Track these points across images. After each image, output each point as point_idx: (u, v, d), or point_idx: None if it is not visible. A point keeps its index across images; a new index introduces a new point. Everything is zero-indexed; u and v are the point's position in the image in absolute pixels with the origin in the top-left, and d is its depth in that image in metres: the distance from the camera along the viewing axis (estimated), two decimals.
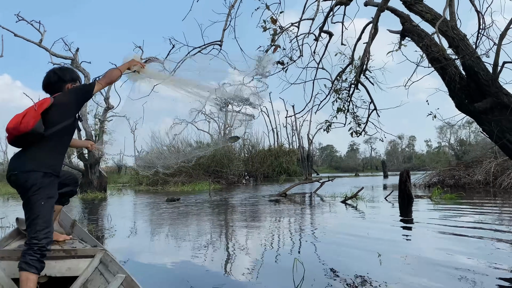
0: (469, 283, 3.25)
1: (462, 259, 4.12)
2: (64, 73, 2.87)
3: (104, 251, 2.90)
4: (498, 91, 5.47)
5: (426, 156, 76.21)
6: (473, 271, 3.61)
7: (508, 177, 13.89)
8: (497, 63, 5.52)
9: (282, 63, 6.61)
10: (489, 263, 3.91)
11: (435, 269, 3.74)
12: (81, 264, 2.83)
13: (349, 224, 6.73)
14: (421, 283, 3.26)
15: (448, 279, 3.37)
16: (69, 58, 17.12)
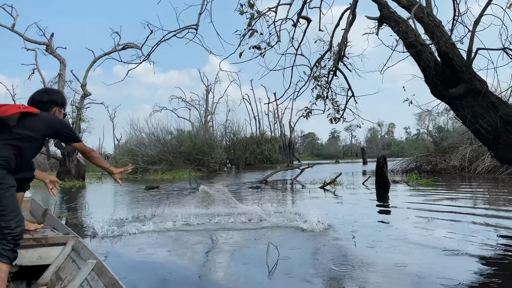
0: (443, 261, 3.33)
1: (436, 238, 4.22)
2: (57, 96, 2.90)
3: (76, 238, 2.87)
4: (471, 77, 5.55)
5: (405, 143, 77.43)
6: (447, 250, 3.69)
7: (482, 163, 14.26)
8: (471, 50, 5.59)
9: (258, 48, 6.55)
10: (463, 241, 4.03)
11: (410, 248, 3.83)
12: (53, 252, 2.79)
13: (326, 208, 6.80)
14: (397, 262, 3.32)
15: (421, 258, 3.45)
16: (44, 44, 16.63)
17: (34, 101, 2.79)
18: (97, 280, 2.20)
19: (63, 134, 2.75)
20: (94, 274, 2.28)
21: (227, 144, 38.84)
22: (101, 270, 2.24)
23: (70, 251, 2.79)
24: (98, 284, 2.16)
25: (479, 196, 8.37)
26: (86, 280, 2.30)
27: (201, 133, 30.28)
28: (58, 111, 2.84)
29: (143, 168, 23.94)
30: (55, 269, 2.72)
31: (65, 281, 2.54)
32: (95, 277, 2.24)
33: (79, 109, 18.21)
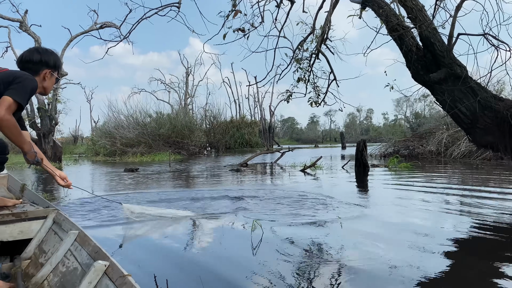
0: (418, 241, 3.41)
1: (413, 220, 4.32)
2: (49, 57, 2.60)
3: (57, 211, 2.86)
4: (452, 62, 5.63)
5: (383, 129, 78.69)
6: (422, 232, 3.79)
7: (458, 148, 14.62)
8: (452, 35, 5.66)
9: (243, 30, 6.48)
10: (437, 224, 4.14)
11: (390, 230, 3.91)
12: (34, 226, 2.79)
13: (306, 190, 6.87)
14: (377, 245, 3.38)
15: (399, 239, 3.53)
16: (17, 21, 16.04)
17: (22, 60, 2.57)
18: (81, 250, 2.21)
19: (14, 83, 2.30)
20: (77, 244, 2.28)
21: (207, 127, 38.66)
22: (84, 240, 2.25)
23: (52, 224, 2.79)
24: (82, 253, 2.17)
25: (457, 178, 8.59)
26: (70, 251, 2.30)
27: (181, 116, 29.99)
28: (49, 74, 2.60)
29: (121, 150, 23.63)
30: (37, 242, 2.72)
31: (49, 253, 2.54)
32: (78, 247, 2.25)
33: (55, 90, 17.71)
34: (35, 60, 2.55)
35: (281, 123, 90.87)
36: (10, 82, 2.29)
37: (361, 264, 2.85)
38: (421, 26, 5.70)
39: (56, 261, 2.31)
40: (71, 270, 2.17)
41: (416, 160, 13.18)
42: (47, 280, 2.28)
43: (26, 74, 2.38)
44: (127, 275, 1.63)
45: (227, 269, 2.88)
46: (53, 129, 17.47)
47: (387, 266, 2.79)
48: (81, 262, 2.11)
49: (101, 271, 1.76)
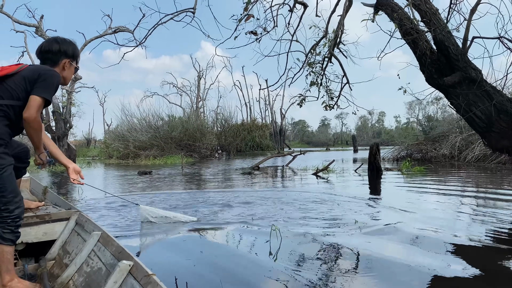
0: (430, 247, 3.39)
1: (434, 227, 4.30)
2: (68, 46, 2.55)
3: (79, 213, 2.92)
4: (466, 66, 5.60)
5: (395, 132, 78.10)
6: (434, 238, 3.77)
7: (472, 151, 14.45)
8: (467, 38, 5.63)
9: (255, 33, 6.51)
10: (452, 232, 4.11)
11: (409, 236, 3.90)
12: (57, 228, 2.85)
13: (320, 195, 6.86)
14: (394, 251, 3.38)
15: (415, 246, 3.52)
16: (33, 26, 16.33)
17: (42, 51, 2.52)
18: (104, 250, 2.24)
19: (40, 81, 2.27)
20: (100, 244, 2.33)
21: (218, 130, 38.78)
22: (107, 240, 2.29)
23: (74, 225, 2.85)
24: (105, 253, 2.21)
25: (472, 182, 8.50)
26: (93, 251, 2.34)
27: (193, 119, 30.14)
28: (69, 64, 2.54)
29: (134, 153, 23.84)
30: (61, 243, 2.78)
31: (72, 254, 2.60)
32: (101, 247, 2.29)
33: (70, 93, 17.97)
34: (54, 50, 2.51)
35: (291, 126, 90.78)
36: (36, 79, 2.28)
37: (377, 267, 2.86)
38: (435, 29, 5.68)
39: (81, 262, 2.35)
40: (95, 270, 2.20)
41: (429, 164, 13.06)
42: (72, 280, 2.31)
43: (49, 70, 2.37)
44: (152, 274, 1.64)
45: (245, 273, 2.90)
46: (67, 132, 17.72)
47: (408, 271, 2.79)
48: (105, 262, 2.14)
49: (126, 271, 1.79)
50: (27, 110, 2.21)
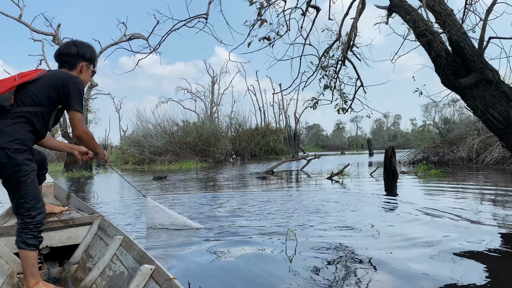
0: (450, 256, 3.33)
1: (451, 233, 4.22)
2: (86, 49, 2.58)
3: (101, 217, 3.00)
4: (483, 67, 5.51)
5: (411, 135, 77.18)
6: (452, 247, 3.69)
7: (490, 154, 14.17)
8: (483, 39, 5.55)
9: (268, 39, 6.53)
10: (472, 240, 4.02)
11: (427, 244, 3.83)
12: (80, 232, 2.93)
13: (335, 198, 6.81)
14: (411, 258, 3.33)
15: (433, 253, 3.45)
16: (51, 34, 16.66)
17: (60, 53, 2.54)
18: (126, 254, 2.30)
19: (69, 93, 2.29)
20: (122, 249, 2.38)
21: (233, 135, 38.89)
22: (129, 245, 2.35)
23: (97, 229, 2.93)
24: (127, 257, 2.26)
25: (490, 187, 8.32)
26: (115, 255, 2.40)
27: (207, 124, 30.29)
28: (86, 67, 2.55)
29: (150, 159, 24.05)
30: (84, 247, 2.86)
31: (95, 258, 2.67)
32: (123, 252, 2.35)
33: (86, 100, 18.25)
34: (72, 53, 2.53)
35: (306, 130, 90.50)
36: (59, 87, 2.30)
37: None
38: (450, 30, 5.61)
39: (103, 265, 2.41)
40: (118, 274, 2.26)
41: (446, 167, 12.85)
42: (95, 284, 2.36)
43: (72, 77, 2.39)
44: (173, 278, 1.67)
45: (261, 278, 2.88)
46: None
47: (427, 277, 2.75)
48: (127, 266, 2.19)
49: (148, 275, 1.82)
50: (74, 129, 2.34)
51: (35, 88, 2.29)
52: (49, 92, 2.29)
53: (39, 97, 2.27)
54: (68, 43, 2.59)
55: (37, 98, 2.27)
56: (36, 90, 2.28)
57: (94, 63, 2.63)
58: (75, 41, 2.59)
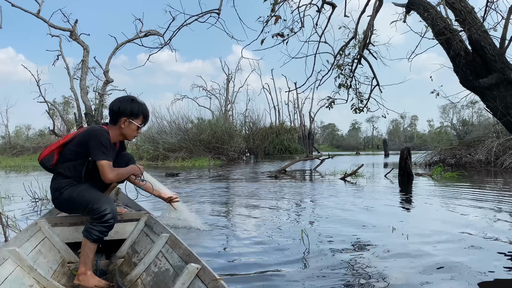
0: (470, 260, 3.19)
1: (462, 236, 4.07)
2: (126, 105, 2.81)
3: (148, 214, 3.11)
4: (504, 67, 5.33)
5: (428, 136, 76.18)
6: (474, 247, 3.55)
7: (509, 157, 13.80)
8: (505, 38, 5.37)
9: (282, 35, 6.43)
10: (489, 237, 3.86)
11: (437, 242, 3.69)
12: (128, 227, 3.05)
13: (348, 199, 6.68)
14: (424, 255, 3.20)
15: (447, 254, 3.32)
16: (68, 30, 16.85)
17: (108, 110, 2.94)
18: (172, 252, 2.34)
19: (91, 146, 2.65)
20: (168, 246, 2.44)
21: (246, 133, 38.82)
22: (175, 243, 2.39)
23: (144, 226, 3.04)
24: (173, 255, 2.30)
25: (506, 191, 8.08)
26: (161, 252, 2.45)
27: (221, 122, 30.31)
28: (127, 122, 2.82)
29: (163, 155, 24.17)
30: (130, 243, 2.97)
31: (141, 254, 2.74)
32: (169, 250, 2.40)
33: (101, 96, 18.41)
34: (114, 110, 2.81)
35: (321, 129, 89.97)
36: (87, 141, 2.67)
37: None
38: (471, 29, 5.42)
39: (149, 261, 2.46)
40: (163, 270, 2.29)
41: (462, 170, 12.55)
42: (140, 279, 2.42)
43: (94, 131, 2.71)
44: (219, 278, 1.66)
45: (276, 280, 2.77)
46: None
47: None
48: (173, 264, 2.23)
49: (194, 274, 1.83)
50: (103, 177, 2.66)
51: (69, 147, 2.77)
52: (76, 148, 2.72)
53: (70, 153, 2.74)
54: (115, 100, 2.88)
55: (68, 154, 2.74)
56: (68, 148, 2.76)
57: (136, 117, 2.83)
58: (121, 98, 2.88)
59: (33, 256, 2.43)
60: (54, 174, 2.79)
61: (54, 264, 2.60)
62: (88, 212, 2.55)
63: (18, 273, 2.11)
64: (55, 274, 2.50)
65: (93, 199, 2.58)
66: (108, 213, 2.51)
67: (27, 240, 2.54)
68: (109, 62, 17.49)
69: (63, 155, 2.76)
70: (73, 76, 19.30)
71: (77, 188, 2.67)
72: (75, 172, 2.71)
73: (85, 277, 2.41)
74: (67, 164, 2.72)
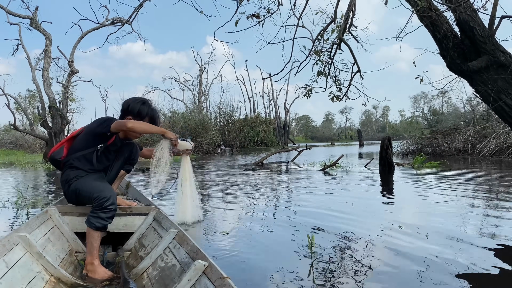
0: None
1: (449, 226, 3.71)
2: (134, 106, 2.99)
3: (157, 209, 3.11)
4: (494, 49, 5.03)
5: (399, 126, 77.56)
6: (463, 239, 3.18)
7: (486, 145, 13.78)
8: (494, 17, 5.05)
9: (258, 16, 5.92)
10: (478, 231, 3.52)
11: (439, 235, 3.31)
12: (136, 221, 3.07)
13: (331, 193, 6.30)
14: (430, 251, 2.80)
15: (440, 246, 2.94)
16: (28, 18, 15.76)
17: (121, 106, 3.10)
18: (179, 248, 2.31)
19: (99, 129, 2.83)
20: (175, 242, 2.41)
21: (221, 125, 38.23)
22: (183, 239, 2.36)
23: (152, 220, 3.04)
24: (180, 251, 2.27)
25: (492, 179, 7.88)
26: (168, 248, 2.44)
27: (195, 114, 29.62)
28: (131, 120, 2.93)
29: None
30: (138, 236, 2.99)
31: (148, 248, 2.75)
32: (176, 245, 2.37)
33: (66, 87, 17.40)
34: (124, 107, 3.02)
35: (295, 121, 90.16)
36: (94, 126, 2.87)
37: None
38: (458, 8, 5.07)
39: (156, 256, 2.46)
40: (169, 266, 2.28)
41: (439, 159, 12.41)
42: (146, 272, 2.41)
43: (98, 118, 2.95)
44: (226, 277, 1.61)
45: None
46: (64, 128, 17.15)
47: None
48: (180, 260, 2.21)
49: (201, 271, 1.79)
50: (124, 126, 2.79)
51: (78, 138, 2.96)
52: (85, 137, 2.90)
53: (79, 144, 2.91)
54: (129, 99, 3.09)
55: (78, 145, 2.91)
56: (77, 140, 2.95)
57: (142, 119, 2.99)
58: (133, 98, 3.08)
59: (42, 244, 2.47)
60: (63, 168, 2.91)
61: (62, 253, 2.65)
62: (91, 200, 2.63)
63: (27, 259, 2.14)
64: (62, 263, 2.52)
65: (96, 188, 2.68)
66: (107, 199, 2.59)
67: (37, 227, 2.60)
68: (74, 52, 16.49)
69: (73, 147, 2.93)
70: (35, 67, 18.17)
71: (82, 180, 2.79)
72: (85, 161, 2.86)
73: (92, 266, 2.46)
74: (77, 155, 2.86)
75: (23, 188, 7.40)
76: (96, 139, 2.86)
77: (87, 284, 2.31)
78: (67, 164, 2.87)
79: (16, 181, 9.69)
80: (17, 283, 1.93)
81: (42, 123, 17.22)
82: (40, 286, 2.06)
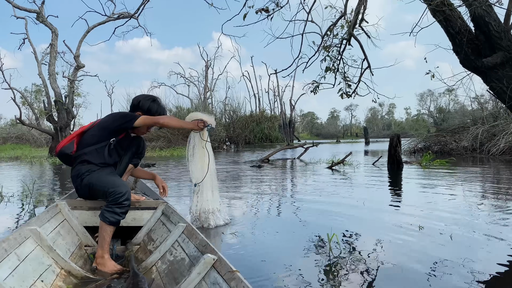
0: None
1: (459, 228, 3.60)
2: (144, 102, 3.08)
3: (166, 204, 3.12)
4: (510, 44, 4.90)
5: (405, 123, 77.11)
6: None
7: (496, 144, 13.59)
8: (510, 12, 4.92)
9: (266, 10, 5.82)
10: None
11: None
12: (145, 215, 3.09)
13: (341, 190, 6.20)
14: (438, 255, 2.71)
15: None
16: (34, 11, 15.73)
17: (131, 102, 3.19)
18: (188, 242, 2.31)
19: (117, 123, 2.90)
20: (184, 236, 2.42)
21: (227, 121, 38.14)
22: (191, 233, 2.36)
23: (161, 215, 3.05)
24: (189, 245, 2.27)
25: (502, 178, 7.75)
26: (177, 242, 2.44)
27: (200, 110, 29.51)
28: None
29: None
30: (147, 230, 3.00)
31: (157, 242, 2.77)
32: (185, 239, 2.38)
33: (72, 82, 17.38)
34: (134, 103, 3.11)
35: (300, 117, 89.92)
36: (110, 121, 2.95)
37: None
38: (473, 3, 4.94)
39: (165, 250, 2.47)
40: (178, 259, 2.29)
41: (451, 157, 12.26)
42: (155, 266, 2.43)
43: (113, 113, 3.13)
44: (236, 271, 1.61)
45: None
46: (69, 123, 17.14)
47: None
48: (189, 254, 2.21)
49: (210, 264, 1.79)
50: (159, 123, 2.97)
51: (89, 133, 2.96)
52: (98, 131, 2.92)
53: (91, 138, 2.92)
54: (139, 95, 3.20)
55: (89, 139, 2.92)
56: (88, 134, 2.95)
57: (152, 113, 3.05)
58: (143, 95, 3.20)
59: (52, 237, 2.50)
60: (74, 162, 2.93)
61: (72, 246, 2.68)
62: (106, 195, 2.64)
63: (38, 252, 2.16)
64: (72, 256, 2.55)
65: (111, 183, 2.70)
66: (123, 195, 2.61)
67: (48, 220, 2.63)
68: (80, 46, 16.46)
69: (84, 141, 2.93)
70: (41, 61, 18.15)
71: (96, 174, 2.81)
72: (97, 155, 2.88)
73: (102, 260, 2.49)
74: (89, 149, 2.88)
75: (29, 182, 7.38)
76: (110, 133, 2.91)
77: (97, 277, 2.34)
78: (78, 159, 2.89)
79: (22, 175, 9.69)
80: (29, 276, 1.95)
81: (48, 117, 17.21)
82: (51, 279, 2.10)
